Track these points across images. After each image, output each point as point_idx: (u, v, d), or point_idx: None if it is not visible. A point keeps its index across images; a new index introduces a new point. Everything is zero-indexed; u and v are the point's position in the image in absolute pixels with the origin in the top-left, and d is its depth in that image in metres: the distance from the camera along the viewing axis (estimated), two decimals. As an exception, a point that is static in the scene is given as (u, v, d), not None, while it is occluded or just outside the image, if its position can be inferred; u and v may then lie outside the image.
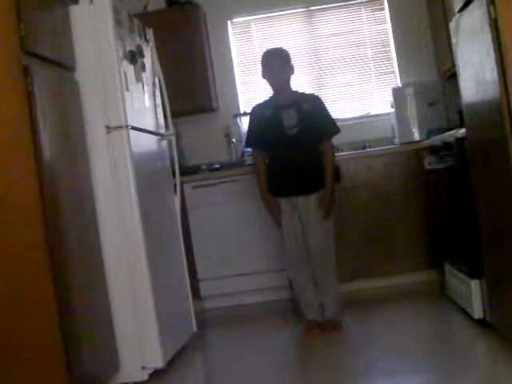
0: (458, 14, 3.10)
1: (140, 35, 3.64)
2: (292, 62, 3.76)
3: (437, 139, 3.93)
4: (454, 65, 3.53)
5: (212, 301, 4.79)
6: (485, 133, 2.90)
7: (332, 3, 5.35)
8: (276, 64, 3.72)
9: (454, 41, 3.32)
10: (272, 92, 3.83)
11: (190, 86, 5.04)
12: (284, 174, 3.72)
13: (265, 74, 3.78)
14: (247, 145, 3.98)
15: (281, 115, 3.69)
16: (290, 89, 3.79)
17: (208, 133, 5.39)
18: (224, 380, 3.29)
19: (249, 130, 3.87)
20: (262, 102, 3.91)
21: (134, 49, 3.47)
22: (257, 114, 3.83)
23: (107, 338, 3.09)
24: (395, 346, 3.36)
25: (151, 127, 3.66)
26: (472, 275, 3.35)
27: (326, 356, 3.39)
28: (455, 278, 3.76)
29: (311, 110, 3.72)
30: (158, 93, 3.84)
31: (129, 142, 3.21)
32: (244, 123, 5.28)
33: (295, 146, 3.67)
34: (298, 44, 5.37)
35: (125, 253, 3.18)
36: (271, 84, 3.78)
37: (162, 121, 3.86)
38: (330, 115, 3.82)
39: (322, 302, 3.77)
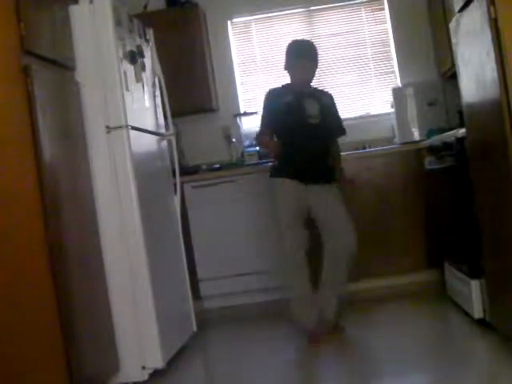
0: (457, 14, 3.10)
1: (140, 35, 3.64)
2: (318, 58, 3.75)
3: (437, 139, 3.93)
4: (453, 65, 3.53)
5: (212, 301, 4.79)
6: (485, 133, 2.90)
7: (332, 3, 5.35)
8: (307, 64, 3.69)
9: (454, 41, 3.32)
10: (290, 81, 3.77)
11: (190, 86, 5.04)
12: (304, 160, 3.63)
13: (291, 71, 3.71)
14: (261, 131, 3.76)
15: (303, 103, 3.67)
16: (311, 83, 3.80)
17: (208, 133, 5.38)
18: (224, 380, 3.29)
19: (263, 116, 3.75)
20: (277, 87, 3.81)
21: (134, 49, 3.48)
22: (274, 99, 3.73)
23: (107, 338, 3.09)
24: (395, 346, 3.36)
25: (151, 127, 3.66)
26: (472, 275, 3.35)
27: (325, 356, 3.39)
28: (455, 278, 3.76)
29: (329, 105, 3.77)
30: (158, 93, 3.84)
31: (129, 141, 3.21)
32: (244, 123, 5.28)
33: (317, 134, 3.65)
34: (298, 44, 5.36)
35: (125, 253, 3.18)
36: (296, 79, 3.72)
37: (162, 121, 3.86)
38: (340, 116, 3.88)
39: (325, 301, 3.69)
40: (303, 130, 3.65)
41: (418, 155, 4.55)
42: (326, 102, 3.76)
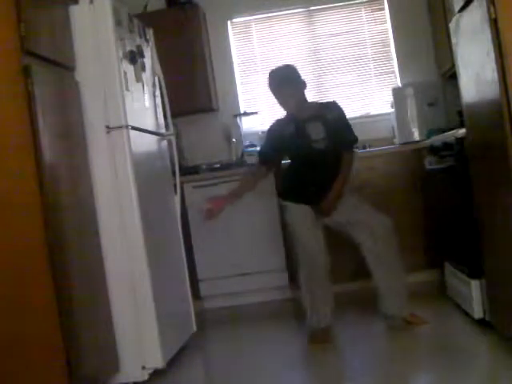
0: (457, 14, 3.10)
1: (140, 35, 3.64)
2: (301, 78, 3.55)
3: (437, 139, 3.94)
4: (453, 65, 3.52)
5: (212, 301, 4.79)
6: (485, 133, 2.90)
7: (332, 3, 5.35)
8: (287, 92, 3.51)
9: (454, 41, 3.32)
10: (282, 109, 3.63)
11: (190, 85, 5.04)
12: (313, 187, 3.56)
13: (278, 102, 3.57)
14: (260, 156, 3.78)
15: (306, 129, 3.53)
16: (307, 102, 3.62)
17: (208, 133, 5.38)
18: (224, 380, 3.29)
19: (264, 145, 3.73)
20: (280, 118, 3.68)
21: (134, 49, 3.48)
22: (277, 131, 3.62)
23: (107, 338, 3.09)
24: (395, 346, 3.36)
25: (151, 127, 3.66)
26: (472, 275, 3.35)
27: (326, 356, 3.39)
28: (455, 278, 3.76)
29: (336, 120, 3.57)
30: (158, 93, 3.84)
31: (129, 141, 3.21)
32: (244, 123, 5.28)
33: (325, 159, 3.54)
34: (297, 44, 5.38)
35: (125, 253, 3.18)
36: (285, 107, 3.57)
37: (162, 121, 3.86)
38: (350, 124, 3.66)
39: (388, 298, 3.61)
40: (309, 156, 3.55)
41: (418, 155, 4.55)
42: (331, 118, 3.57)
